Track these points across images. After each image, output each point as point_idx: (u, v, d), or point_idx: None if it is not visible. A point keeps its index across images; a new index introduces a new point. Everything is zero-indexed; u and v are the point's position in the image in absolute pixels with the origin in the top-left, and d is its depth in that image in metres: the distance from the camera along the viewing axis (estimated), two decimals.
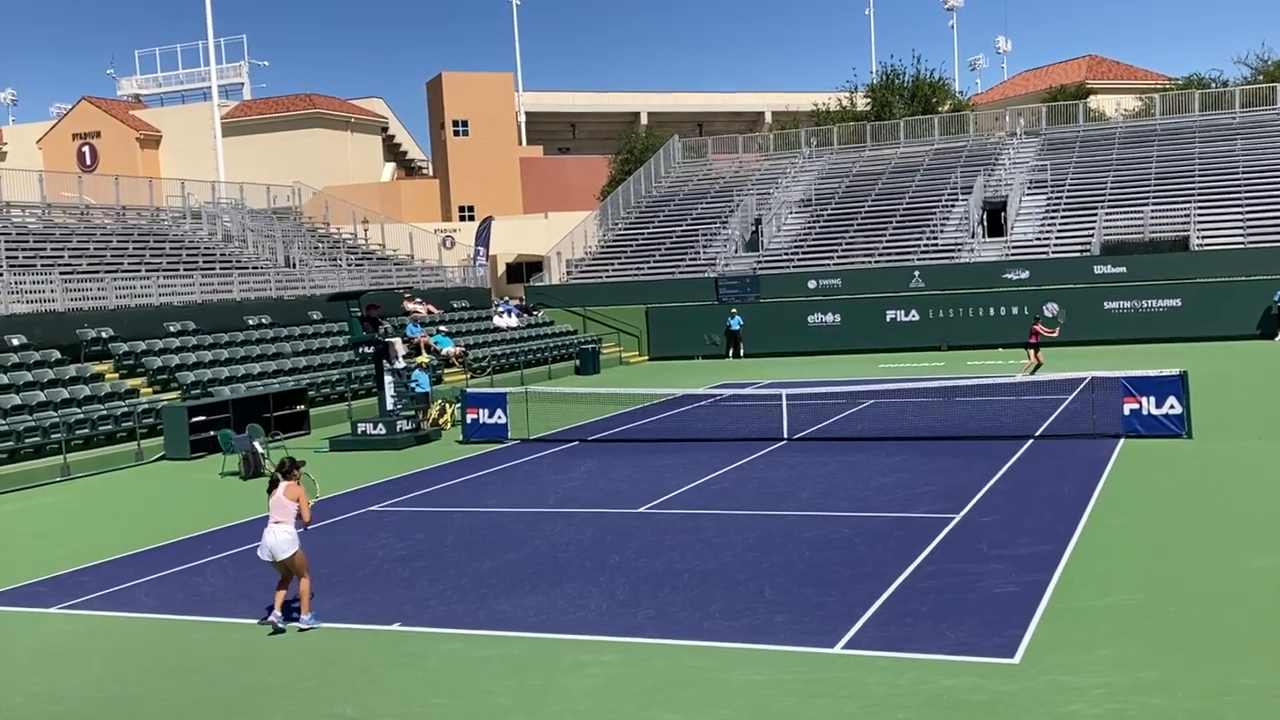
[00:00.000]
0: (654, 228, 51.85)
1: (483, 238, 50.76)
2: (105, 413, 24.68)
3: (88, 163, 64.98)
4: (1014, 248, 43.55)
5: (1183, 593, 11.08)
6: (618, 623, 11.07)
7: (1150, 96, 57.36)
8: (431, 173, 72.95)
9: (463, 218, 64.60)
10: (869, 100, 66.52)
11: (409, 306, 38.57)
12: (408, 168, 77.10)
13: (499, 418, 24.20)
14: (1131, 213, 43.59)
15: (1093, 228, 43.00)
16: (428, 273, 45.67)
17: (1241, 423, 21.22)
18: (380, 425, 24.59)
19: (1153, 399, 20.05)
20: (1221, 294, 38.41)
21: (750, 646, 10.15)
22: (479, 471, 20.64)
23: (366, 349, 25.31)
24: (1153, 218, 42.96)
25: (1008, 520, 14.38)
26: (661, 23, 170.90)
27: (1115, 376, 20.95)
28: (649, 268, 48.37)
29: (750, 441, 21.89)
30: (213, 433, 23.73)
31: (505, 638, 10.82)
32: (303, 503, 11.35)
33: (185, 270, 35.42)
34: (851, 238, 46.81)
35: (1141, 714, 8.25)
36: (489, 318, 42.61)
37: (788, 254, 46.91)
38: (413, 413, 25.74)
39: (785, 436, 22.06)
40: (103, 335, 28.62)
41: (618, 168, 66.85)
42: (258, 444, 21.78)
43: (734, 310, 43.48)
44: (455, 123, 67.27)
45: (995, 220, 46.13)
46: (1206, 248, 40.75)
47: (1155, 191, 44.87)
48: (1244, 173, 44.69)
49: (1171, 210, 43.19)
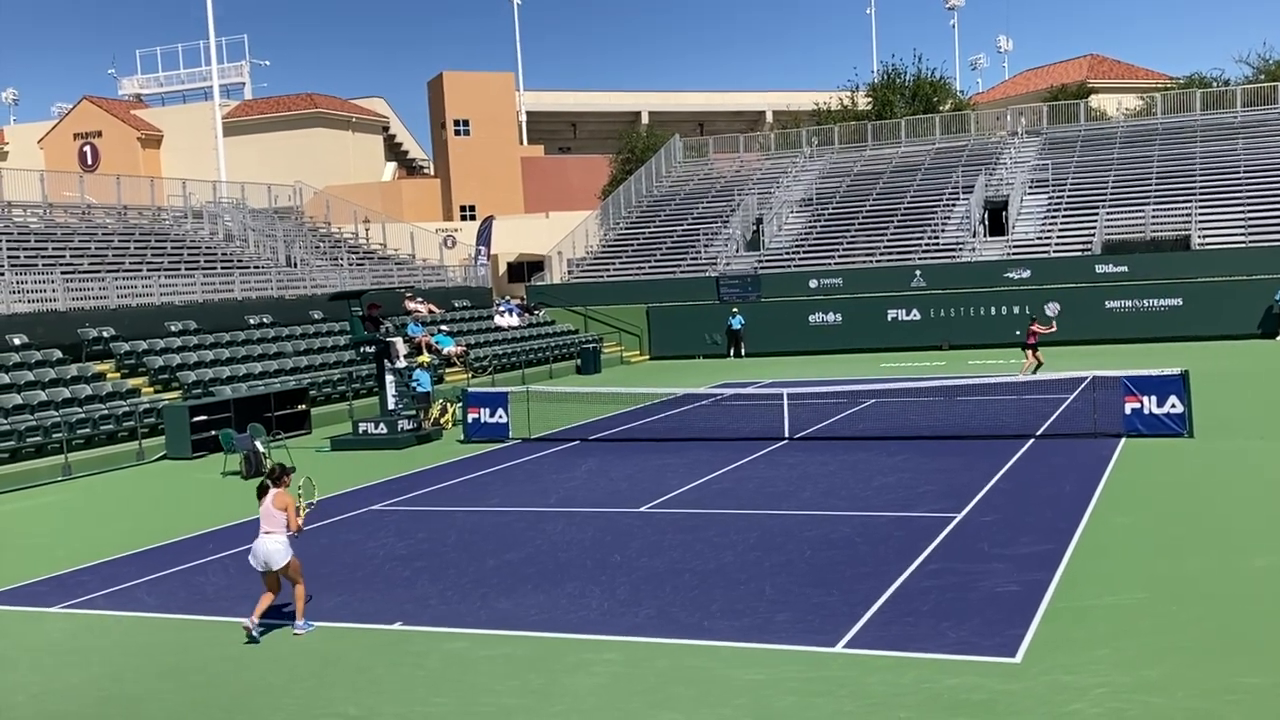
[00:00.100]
0: (655, 227, 51.85)
1: (484, 237, 50.75)
2: (106, 412, 24.69)
3: (89, 162, 65.00)
4: (1015, 247, 43.54)
5: (1184, 592, 11.08)
6: (619, 622, 11.07)
7: (1151, 96, 57.34)
8: (433, 172, 72.97)
9: (464, 217, 64.61)
10: (870, 100, 66.51)
11: (410, 306, 38.57)
12: (409, 167, 77.12)
13: (500, 417, 24.21)
14: (1133, 212, 43.60)
15: (1094, 227, 42.99)
16: (429, 272, 45.68)
17: (1243, 422, 21.22)
18: (381, 425, 24.60)
19: (1154, 398, 20.05)
20: (1223, 293, 38.40)
21: (751, 646, 10.15)
22: (480, 471, 20.65)
23: (368, 348, 25.33)
24: (1154, 217, 42.96)
25: (1009, 519, 14.38)
26: (662, 22, 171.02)
27: (1116, 376, 20.95)
28: (650, 267, 48.37)
29: (751, 441, 21.89)
30: (214, 432, 23.74)
31: (507, 637, 10.82)
32: (290, 512, 11.23)
33: (186, 270, 35.45)
34: (853, 237, 46.81)
35: (1143, 713, 8.25)
36: (490, 317, 42.61)
37: (789, 253, 46.90)
38: (414, 412, 25.76)
39: (786, 436, 22.07)
40: (104, 335, 28.63)
41: (619, 167, 66.86)
42: (259, 443, 21.79)
43: (735, 310, 43.48)
44: (456, 122, 67.28)
45: (996, 219, 46.15)
46: (1208, 247, 40.75)
47: (1156, 191, 44.86)
48: (1245, 172, 44.68)
49: (1173, 209, 43.19)
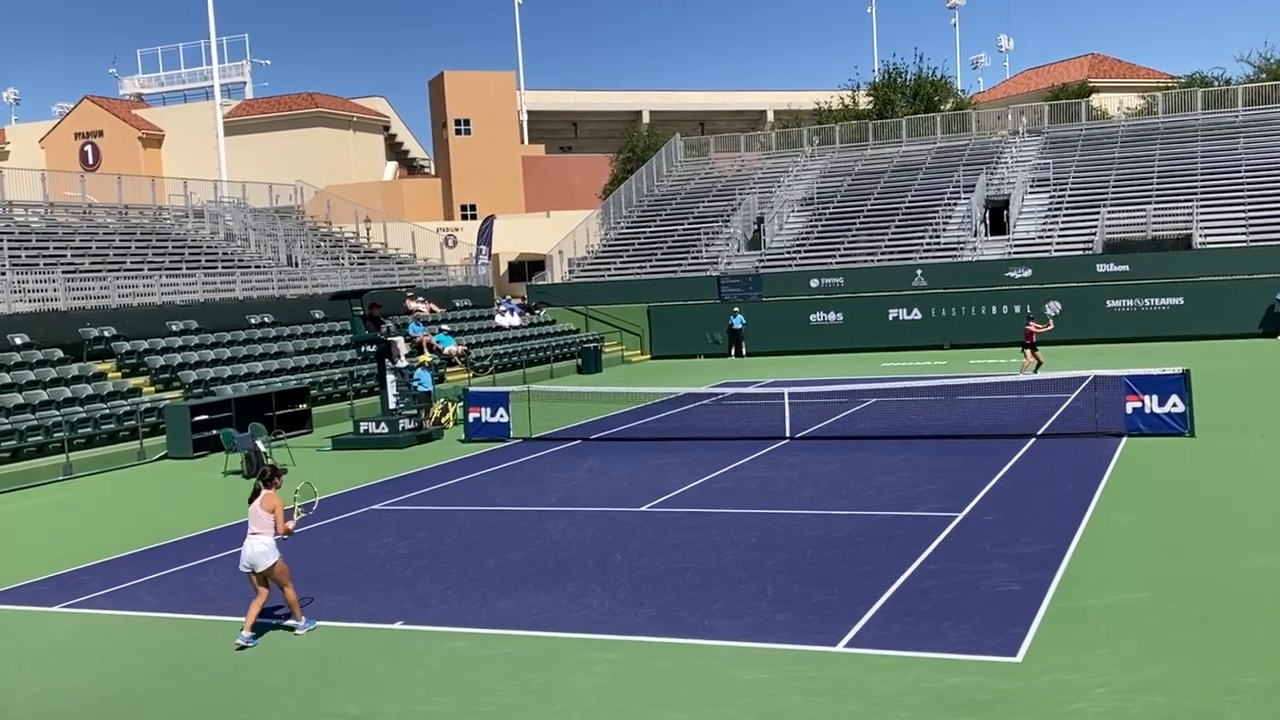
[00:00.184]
0: (656, 226, 51.84)
1: (485, 236, 50.73)
2: (108, 412, 24.69)
3: (90, 162, 65.01)
4: (1016, 246, 43.53)
5: (1185, 591, 11.07)
6: (620, 621, 11.06)
7: (1153, 95, 57.32)
8: (433, 171, 72.97)
9: (465, 216, 64.61)
10: (871, 99, 66.49)
11: (411, 305, 38.56)
12: (410, 166, 77.13)
13: (501, 416, 24.21)
14: (1134, 211, 43.58)
15: (1095, 226, 42.97)
16: (430, 271, 45.69)
17: (1244, 421, 21.21)
18: (382, 424, 24.60)
19: (1155, 397, 20.04)
20: (1224, 292, 38.38)
21: (753, 645, 10.14)
22: (481, 470, 20.64)
23: (369, 348, 25.33)
24: (1155, 216, 42.94)
25: (1010, 519, 14.37)
26: (663, 22, 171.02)
27: (1118, 375, 20.95)
28: (651, 266, 48.37)
29: (752, 440, 21.89)
30: (215, 432, 23.75)
31: (508, 636, 10.81)
32: (278, 514, 11.13)
33: (188, 269, 35.46)
34: (854, 236, 46.80)
35: (1144, 712, 8.24)
36: (491, 316, 42.61)
37: (790, 253, 46.89)
38: (415, 412, 25.77)
39: (787, 435, 22.06)
40: (105, 334, 28.63)
41: (620, 166, 66.85)
42: (260, 443, 21.79)
43: (736, 309, 43.47)
44: (457, 121, 67.29)
45: (997, 219, 46.13)
46: (1209, 246, 40.73)
47: (1157, 190, 44.84)
48: (1246, 171, 44.66)
49: (1174, 208, 43.17)
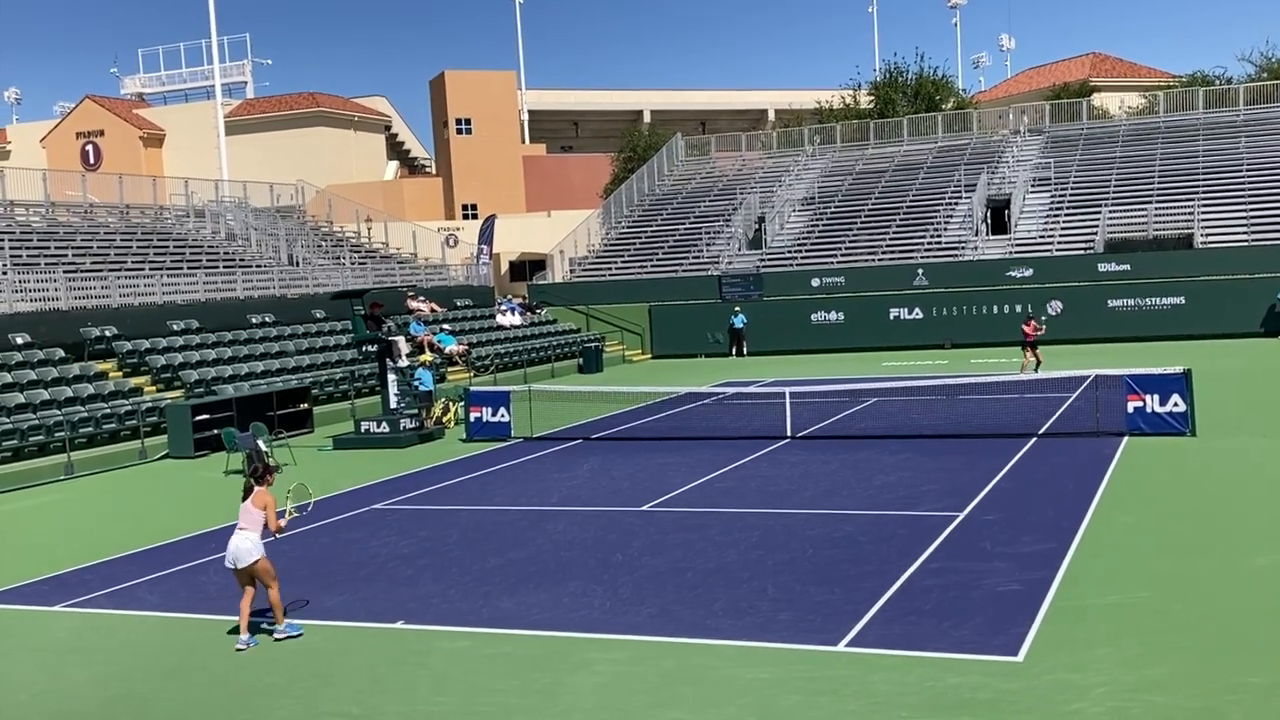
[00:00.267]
0: (657, 226, 51.84)
1: (486, 236, 50.74)
2: (109, 411, 24.70)
3: (91, 161, 65.04)
4: (1018, 245, 43.51)
5: (1186, 591, 11.07)
6: (622, 621, 11.06)
7: (1154, 94, 57.29)
8: (434, 171, 72.98)
9: (466, 216, 64.63)
10: (872, 98, 66.48)
11: (412, 305, 38.57)
12: (411, 166, 77.15)
13: (502, 416, 24.20)
14: (1135, 210, 43.56)
15: (1096, 225, 42.96)
16: (431, 271, 45.69)
17: (1245, 421, 21.20)
18: (384, 423, 24.61)
19: (1156, 397, 20.03)
20: (1225, 292, 38.36)
21: (754, 645, 10.14)
22: (482, 470, 20.64)
23: (370, 347, 25.34)
24: (1156, 215, 42.93)
25: (1011, 518, 14.37)
26: (664, 21, 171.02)
27: (1119, 374, 20.93)
28: (652, 266, 48.36)
29: (753, 440, 21.88)
30: (216, 431, 23.75)
31: (509, 636, 10.81)
32: (270, 512, 11.03)
33: (189, 269, 35.46)
34: (855, 236, 46.80)
35: (1145, 712, 8.24)
36: (492, 316, 42.61)
37: (791, 252, 46.89)
38: (416, 411, 25.76)
39: (788, 435, 22.05)
40: (106, 334, 28.63)
41: (621, 166, 66.86)
42: (261, 442, 21.76)
43: (737, 308, 43.47)
44: (458, 121, 67.31)
45: (999, 218, 46.12)
46: (1210, 245, 40.71)
47: (1159, 189, 44.83)
48: (1248, 170, 44.63)
49: (1175, 208, 43.15)
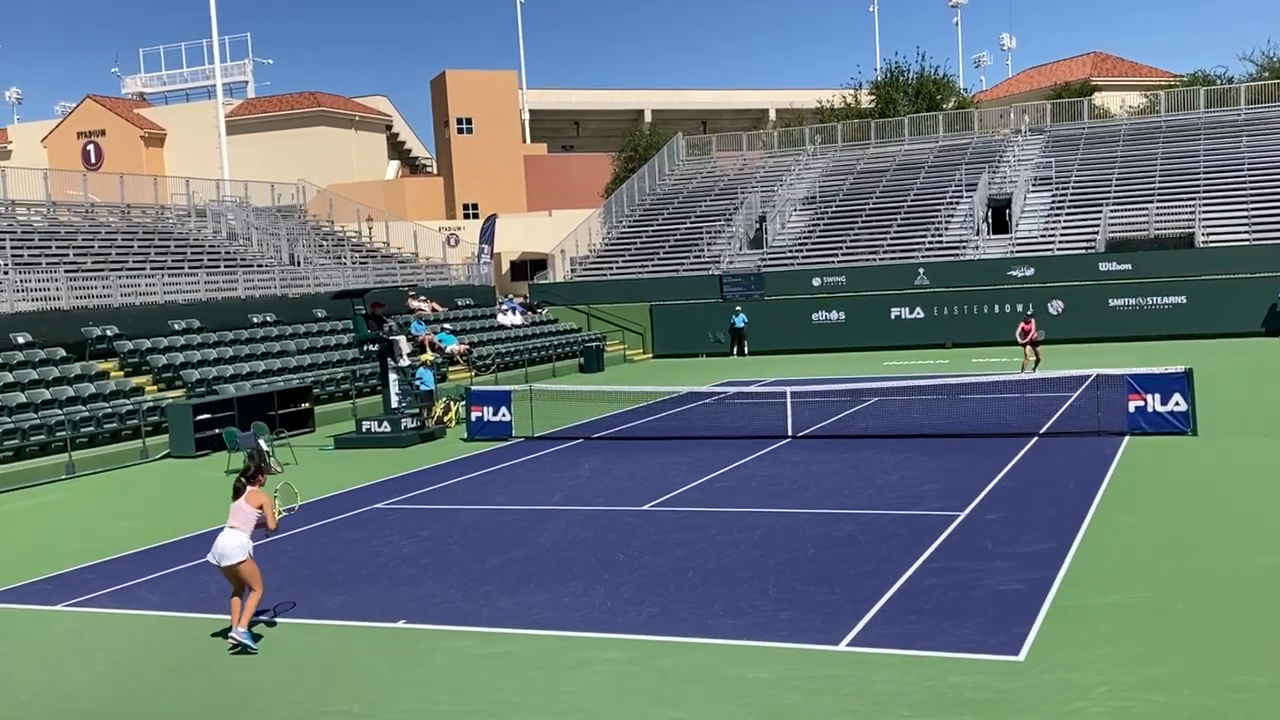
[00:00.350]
0: (658, 225, 51.84)
1: (487, 235, 50.74)
2: (110, 411, 24.71)
3: (92, 161, 65.04)
4: (1019, 245, 43.50)
5: (1188, 590, 11.07)
6: (622, 620, 11.07)
7: (1155, 93, 57.29)
8: (435, 170, 72.99)
9: (467, 215, 64.64)
10: (873, 97, 66.47)
11: (413, 304, 38.59)
12: (412, 165, 77.15)
13: (503, 415, 24.20)
14: (1136, 210, 43.56)
15: (1097, 225, 42.95)
16: (432, 270, 45.69)
17: (1247, 420, 21.19)
18: (385, 423, 24.61)
19: (1158, 396, 20.02)
20: (1226, 291, 38.34)
21: (755, 644, 10.14)
22: (483, 469, 20.65)
23: (371, 347, 25.36)
24: (1158, 214, 42.92)
25: (1012, 518, 14.37)
26: (665, 20, 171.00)
27: (1120, 374, 20.93)
28: (653, 265, 48.36)
29: (754, 439, 21.88)
30: (217, 430, 23.75)
31: (510, 635, 10.82)
32: (267, 509, 10.89)
33: (190, 268, 35.47)
34: (856, 235, 46.79)
35: (1147, 711, 8.24)
36: (493, 315, 42.62)
37: (792, 251, 46.89)
38: (417, 410, 25.77)
39: (789, 434, 22.06)
40: (108, 333, 28.64)
41: (622, 165, 66.86)
42: (263, 442, 21.77)
43: (738, 308, 43.47)
44: (459, 120, 67.31)
45: (1000, 217, 46.11)
46: (1211, 244, 40.70)
47: (1160, 188, 44.82)
48: (1249, 169, 44.62)
49: (1176, 207, 43.14)
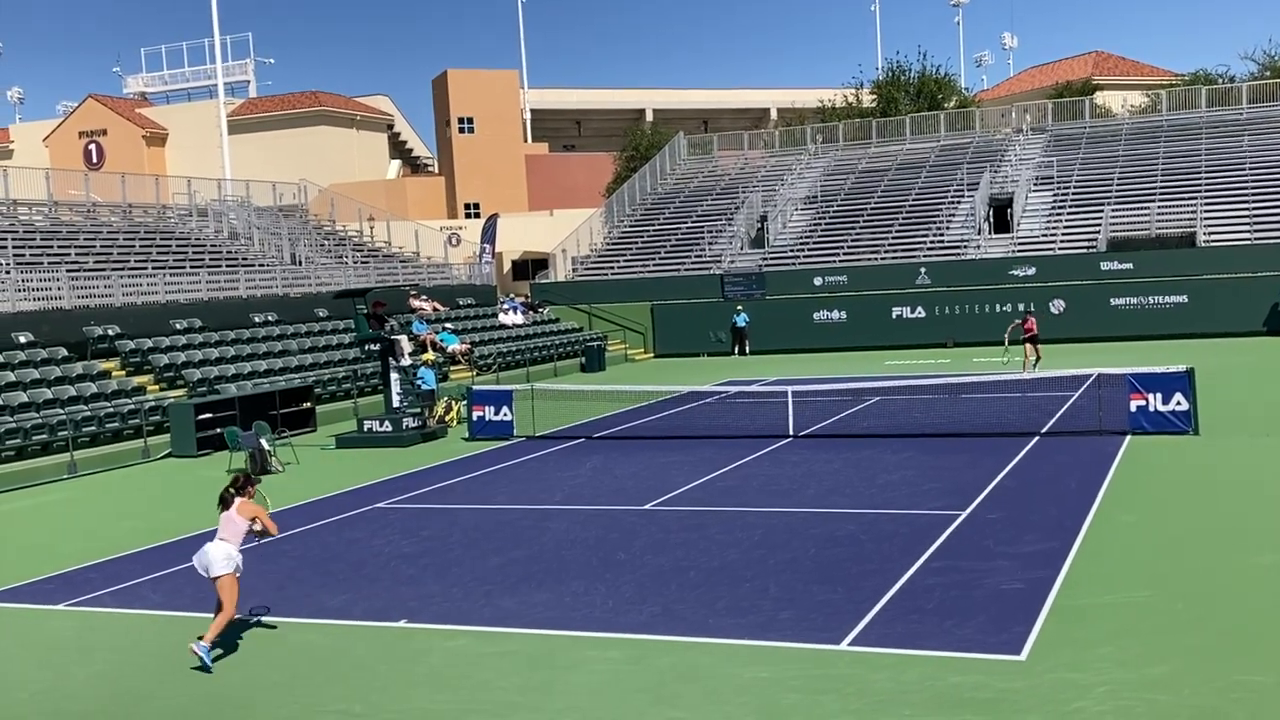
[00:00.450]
0: (659, 225, 51.84)
1: (488, 235, 50.76)
2: (112, 410, 24.72)
3: (94, 160, 65.07)
4: (1020, 244, 43.50)
5: (1189, 590, 11.06)
6: (623, 619, 11.07)
7: (1157, 92, 57.29)
8: (437, 170, 73.01)
9: (468, 215, 64.63)
10: (875, 97, 66.49)
11: (415, 304, 38.61)
12: (413, 165, 77.14)
13: (504, 415, 24.20)
14: (1138, 209, 43.55)
15: (1099, 224, 42.93)
16: (433, 270, 45.70)
17: (1249, 419, 21.17)
18: (386, 422, 24.62)
19: (1159, 395, 20.00)
20: (1228, 290, 38.34)
21: (756, 643, 10.14)
22: (484, 468, 20.65)
23: (372, 346, 25.37)
24: (1159, 214, 42.91)
25: (1014, 517, 14.36)
26: (667, 20, 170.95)
27: (1122, 373, 20.92)
28: (654, 265, 48.37)
29: (756, 439, 21.88)
30: (219, 430, 23.76)
31: (511, 634, 10.82)
32: (262, 517, 10.80)
33: (191, 268, 35.49)
34: (857, 234, 46.78)
35: (1148, 711, 8.23)
36: (494, 315, 42.63)
37: (793, 251, 46.89)
38: (419, 410, 25.77)
39: (791, 433, 22.05)
40: (109, 333, 28.65)
41: (623, 165, 66.87)
42: (264, 441, 21.81)
43: (740, 307, 43.48)
44: (461, 120, 67.31)
45: (1001, 216, 46.10)
46: (1213, 244, 40.68)
47: (1162, 187, 44.80)
48: (1251, 169, 44.60)
49: (1178, 206, 43.13)
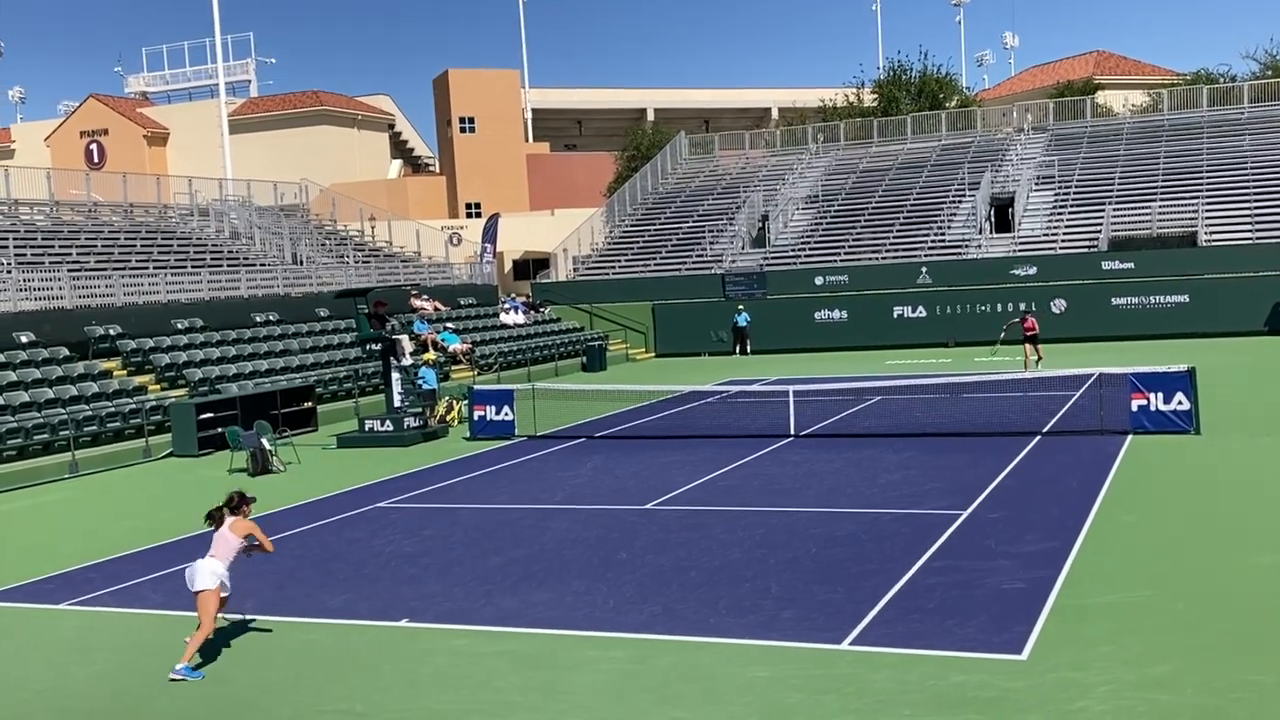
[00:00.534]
0: (660, 224, 51.83)
1: (489, 234, 50.77)
2: (113, 410, 24.73)
3: (95, 160, 65.10)
4: (1021, 243, 43.48)
5: (1190, 589, 11.06)
6: (625, 619, 11.07)
7: (1158, 92, 57.27)
8: (438, 170, 73.02)
9: (469, 215, 64.64)
10: (876, 96, 66.47)
11: (416, 303, 38.62)
12: (414, 165, 77.16)
13: (506, 414, 24.21)
14: (1139, 208, 43.54)
15: (1100, 223, 42.92)
16: (434, 270, 45.70)
17: (1250, 419, 21.16)
18: (387, 422, 24.63)
19: (1161, 395, 20.00)
20: (1229, 289, 38.32)
21: (757, 643, 10.14)
22: (486, 468, 20.66)
23: (374, 346, 25.38)
24: (1160, 213, 42.89)
25: (1015, 517, 14.36)
26: (668, 20, 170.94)
27: (1123, 372, 20.91)
28: (655, 264, 48.36)
29: (757, 438, 21.88)
30: (220, 430, 23.78)
31: (512, 634, 10.83)
32: (258, 534, 10.74)
33: (193, 267, 35.50)
34: (858, 234, 46.77)
35: (1149, 710, 8.23)
36: (496, 314, 42.64)
37: (794, 250, 46.88)
38: (420, 409, 25.78)
39: (792, 433, 22.05)
40: (111, 332, 28.66)
41: (624, 164, 66.87)
42: (265, 441, 21.82)
43: (741, 307, 43.47)
44: (462, 119, 67.33)
45: (1003, 216, 46.08)
46: (1214, 243, 40.67)
47: (1163, 187, 44.78)
48: (1252, 168, 44.58)
49: (1179, 206, 43.11)
